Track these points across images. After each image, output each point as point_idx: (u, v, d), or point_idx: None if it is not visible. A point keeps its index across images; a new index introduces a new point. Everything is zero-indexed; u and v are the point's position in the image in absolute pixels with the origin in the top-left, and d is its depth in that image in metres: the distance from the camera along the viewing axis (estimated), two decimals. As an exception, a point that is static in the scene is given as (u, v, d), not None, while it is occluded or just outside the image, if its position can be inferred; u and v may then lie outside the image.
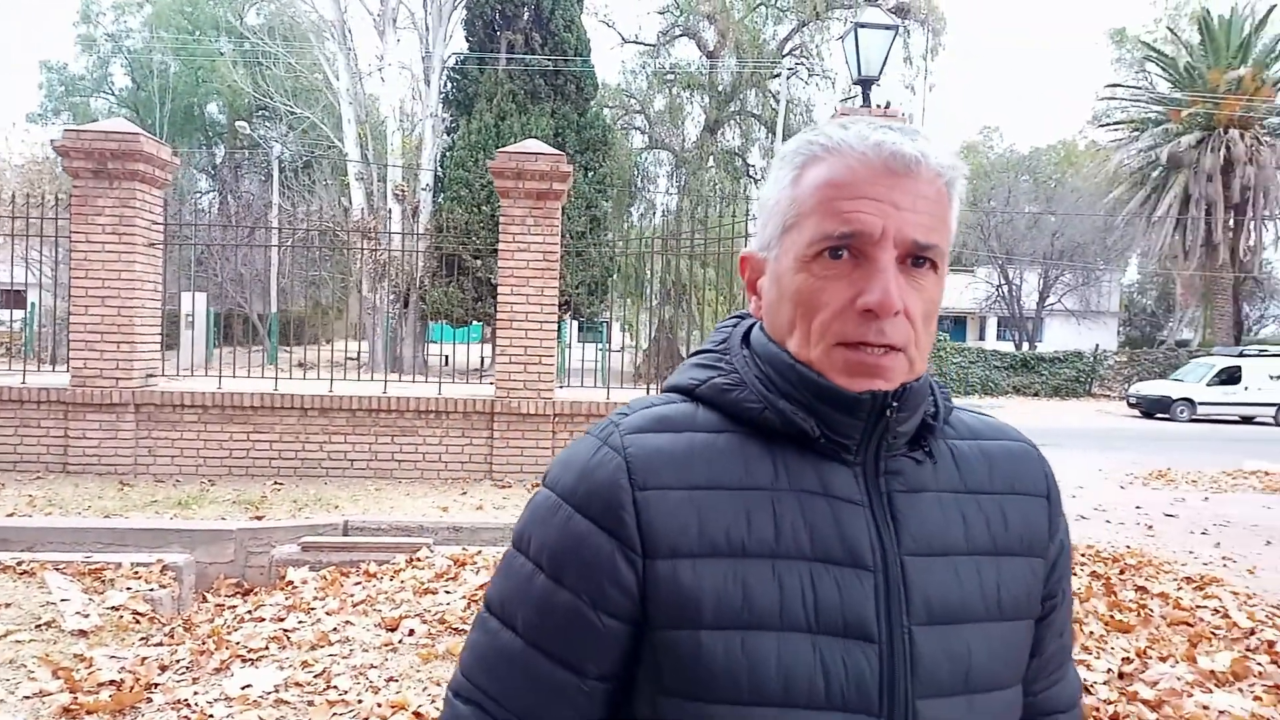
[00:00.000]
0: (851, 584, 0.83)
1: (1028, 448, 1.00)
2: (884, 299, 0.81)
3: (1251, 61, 30.76)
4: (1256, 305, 39.67)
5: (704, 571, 0.82)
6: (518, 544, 0.91)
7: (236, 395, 7.95)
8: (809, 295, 0.85)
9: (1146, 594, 5.14)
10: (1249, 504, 8.64)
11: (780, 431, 0.87)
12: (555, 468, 0.91)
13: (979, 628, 0.87)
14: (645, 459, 0.86)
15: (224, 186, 36.07)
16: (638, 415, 0.91)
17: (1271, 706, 3.60)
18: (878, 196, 0.83)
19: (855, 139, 0.84)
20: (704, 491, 0.85)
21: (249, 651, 4.05)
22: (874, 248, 0.82)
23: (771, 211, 0.90)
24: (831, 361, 0.85)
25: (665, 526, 0.83)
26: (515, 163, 7.97)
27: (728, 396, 0.90)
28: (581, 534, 0.85)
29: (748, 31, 32.40)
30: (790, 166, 0.88)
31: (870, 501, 0.87)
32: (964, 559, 0.88)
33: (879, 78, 8.16)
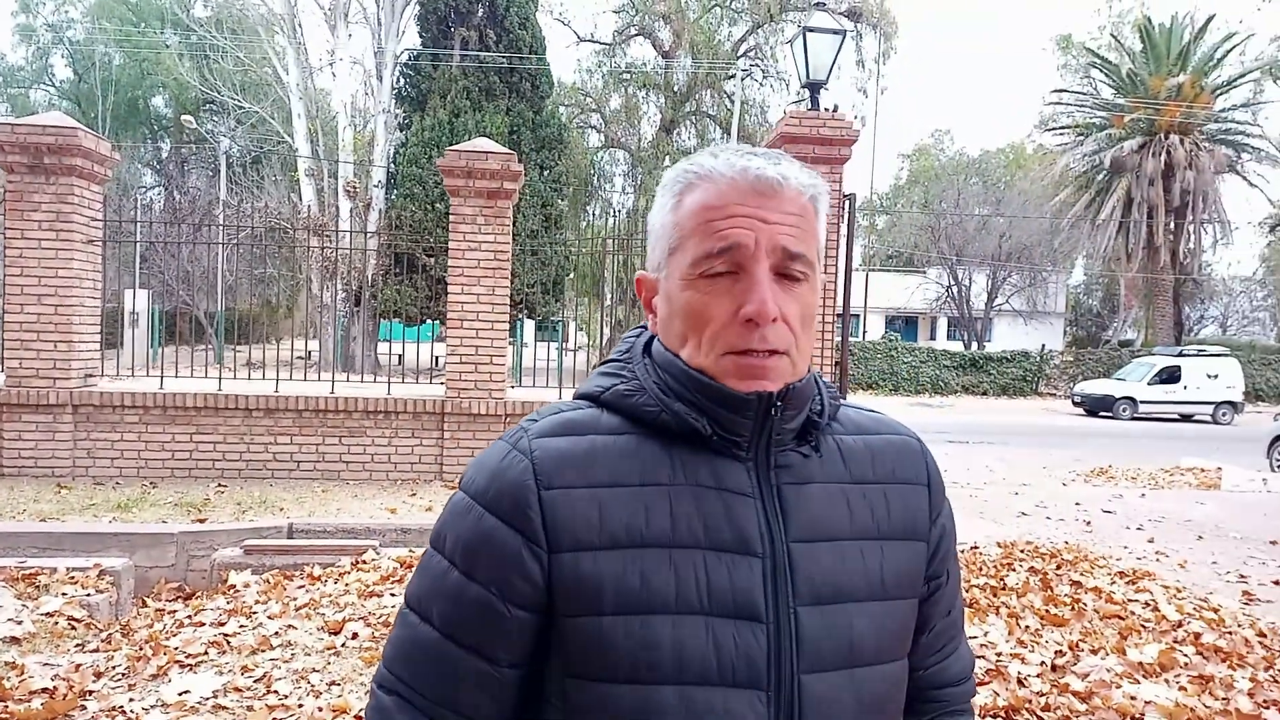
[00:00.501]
0: (742, 569, 0.91)
1: (910, 440, 1.08)
2: (761, 308, 0.90)
3: (1191, 69, 31.64)
4: (1196, 306, 40.84)
5: (604, 562, 0.90)
6: (435, 543, 0.97)
7: (179, 395, 7.80)
8: (696, 310, 0.93)
9: (1081, 588, 5.27)
10: (1184, 500, 8.89)
11: (677, 431, 0.95)
12: (469, 470, 0.98)
13: (861, 606, 0.95)
14: (550, 460, 0.93)
15: (170, 182, 35.32)
16: (545, 421, 0.98)
17: (1195, 696, 3.72)
18: (748, 214, 0.92)
19: (724, 166, 0.94)
20: (605, 489, 0.92)
21: (187, 657, 3.98)
22: (749, 261, 0.91)
23: (659, 236, 0.99)
24: (722, 368, 0.93)
25: (568, 522, 0.90)
26: (466, 161, 7.92)
27: (628, 401, 0.97)
28: (491, 531, 0.92)
29: (702, 32, 32.54)
30: (670, 194, 0.98)
31: (761, 493, 0.95)
32: (848, 543, 0.97)
33: (827, 81, 8.24)
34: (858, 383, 29.47)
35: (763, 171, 0.93)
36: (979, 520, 7.38)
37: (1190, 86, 30.51)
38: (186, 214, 15.87)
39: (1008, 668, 3.97)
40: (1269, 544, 6.81)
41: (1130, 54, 34.38)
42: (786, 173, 0.94)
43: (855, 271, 35.14)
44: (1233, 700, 3.71)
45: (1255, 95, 35.56)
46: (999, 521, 7.37)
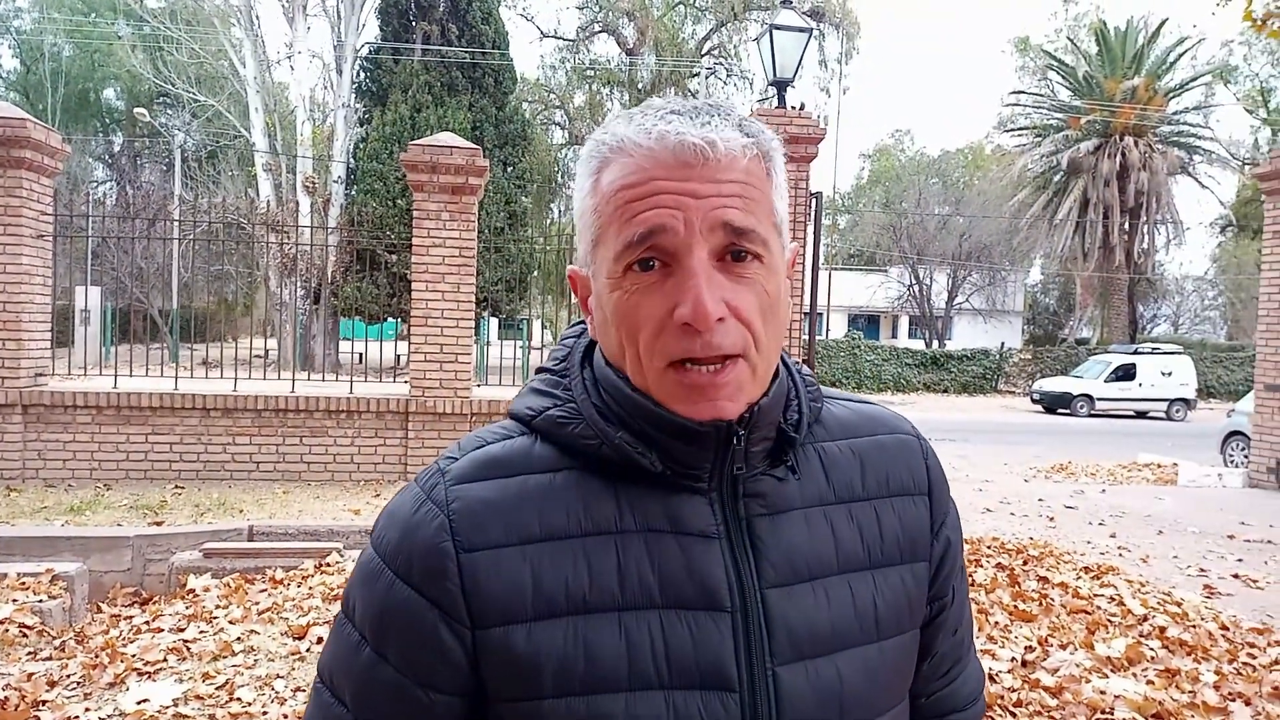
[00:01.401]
0: (707, 629, 0.77)
1: (904, 438, 0.92)
2: (697, 309, 0.72)
3: (1145, 72, 32.32)
4: (1150, 305, 41.69)
5: (541, 636, 0.75)
6: (345, 607, 0.83)
7: (134, 395, 7.60)
8: (627, 315, 0.77)
9: (1048, 584, 5.32)
10: (1143, 495, 9.04)
11: (622, 466, 0.79)
12: (381, 521, 0.82)
13: (852, 655, 0.81)
14: (471, 514, 0.77)
15: (123, 176, 34.57)
16: (466, 461, 0.81)
17: (1163, 690, 3.75)
18: (673, 189, 0.74)
19: (638, 133, 0.76)
20: (539, 544, 0.77)
21: (146, 664, 3.86)
22: (681, 249, 0.74)
23: (581, 226, 0.82)
24: (666, 388, 0.76)
25: (495, 591, 0.75)
26: (429, 156, 7.81)
27: (563, 431, 0.81)
28: (403, 603, 0.77)
29: (666, 30, 32.56)
30: (587, 173, 0.81)
31: (727, 531, 0.80)
32: (835, 579, 0.82)
33: (794, 79, 8.26)
34: (821, 381, 29.20)
35: (684, 137, 0.74)
36: (945, 517, 7.44)
37: (1144, 89, 31.16)
38: (140, 209, 15.51)
39: (979, 664, 3.98)
40: (1226, 538, 6.94)
41: (1086, 57, 35.07)
42: (715, 135, 0.75)
43: (819, 270, 35.43)
44: (1199, 693, 3.75)
45: (1207, 98, 36.47)
46: (964, 518, 7.38)
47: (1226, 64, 38.81)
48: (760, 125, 0.80)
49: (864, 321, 42.96)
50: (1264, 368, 9.43)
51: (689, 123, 0.75)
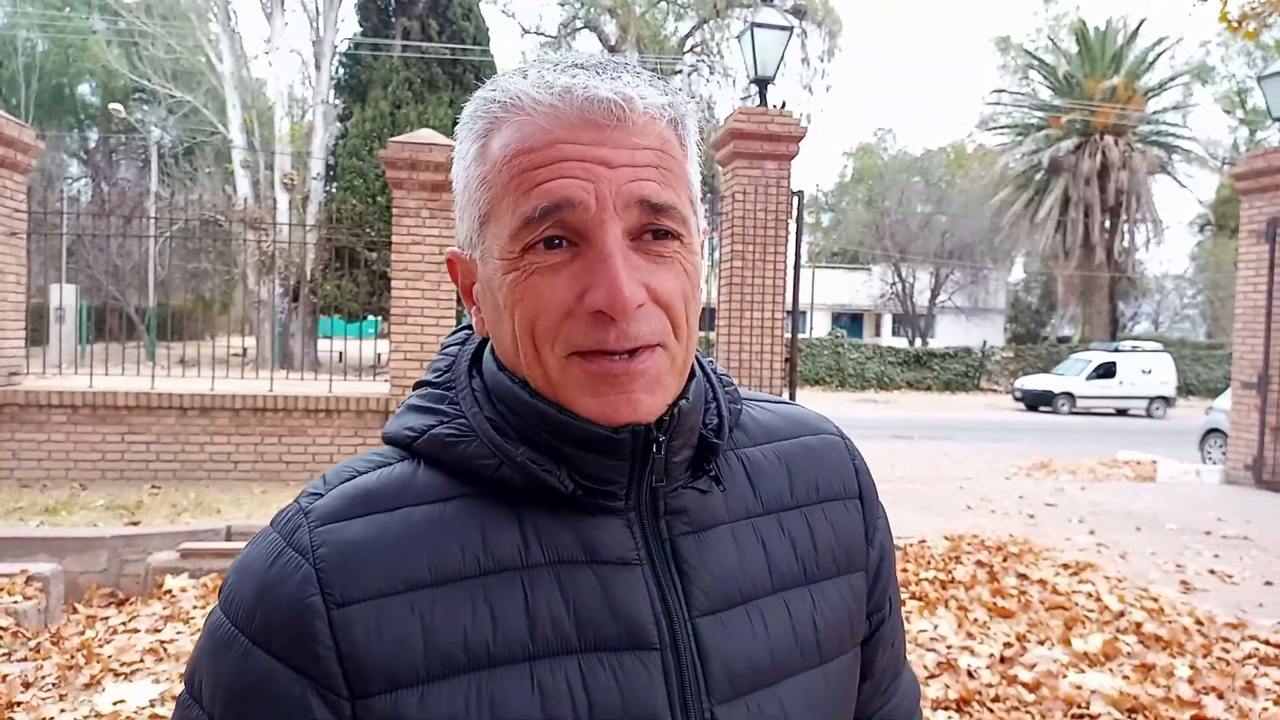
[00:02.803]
0: (634, 673, 0.67)
1: (830, 439, 0.84)
2: (614, 295, 0.63)
3: (1124, 72, 32.62)
4: (1130, 304, 42.05)
5: (437, 700, 0.63)
6: (189, 687, 0.68)
7: (109, 394, 7.52)
8: (524, 300, 0.66)
9: (1027, 580, 5.35)
10: (1122, 493, 9.11)
11: (524, 489, 0.68)
12: (233, 577, 0.68)
13: (795, 683, 0.73)
14: (342, 561, 0.64)
15: (98, 173, 34.21)
16: (333, 496, 0.68)
17: (1139, 685, 3.79)
18: (581, 156, 0.64)
19: (537, 88, 0.66)
20: (429, 590, 0.65)
21: (122, 665, 3.82)
22: (593, 226, 0.64)
23: (464, 200, 0.71)
24: (571, 381, 0.66)
25: (377, 651, 0.63)
26: (409, 153, 7.77)
27: (453, 452, 0.69)
28: (262, 676, 0.63)
29: (649, 27, 32.56)
30: (472, 137, 0.69)
31: (649, 555, 0.70)
32: (770, 600, 0.73)
33: (775, 77, 8.26)
34: (805, 379, 29.76)
35: (594, 92, 0.64)
36: (926, 514, 7.47)
37: (1124, 89, 31.46)
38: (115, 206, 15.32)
39: (957, 660, 4.00)
40: (1204, 534, 7.00)
41: (1067, 56, 35.35)
42: (630, 90, 0.65)
43: (802, 268, 35.52)
44: (1174, 687, 3.78)
45: (1185, 98, 36.83)
46: (945, 515, 7.47)
47: (1204, 64, 39.23)
48: (672, 89, 0.69)
49: (847, 320, 43.10)
50: (1240, 366, 9.52)
51: (597, 78, 0.65)
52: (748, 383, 8.19)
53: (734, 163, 8.17)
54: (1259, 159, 9.36)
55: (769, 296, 8.16)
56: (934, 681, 3.79)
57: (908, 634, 4.36)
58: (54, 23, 35.72)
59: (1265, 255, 9.15)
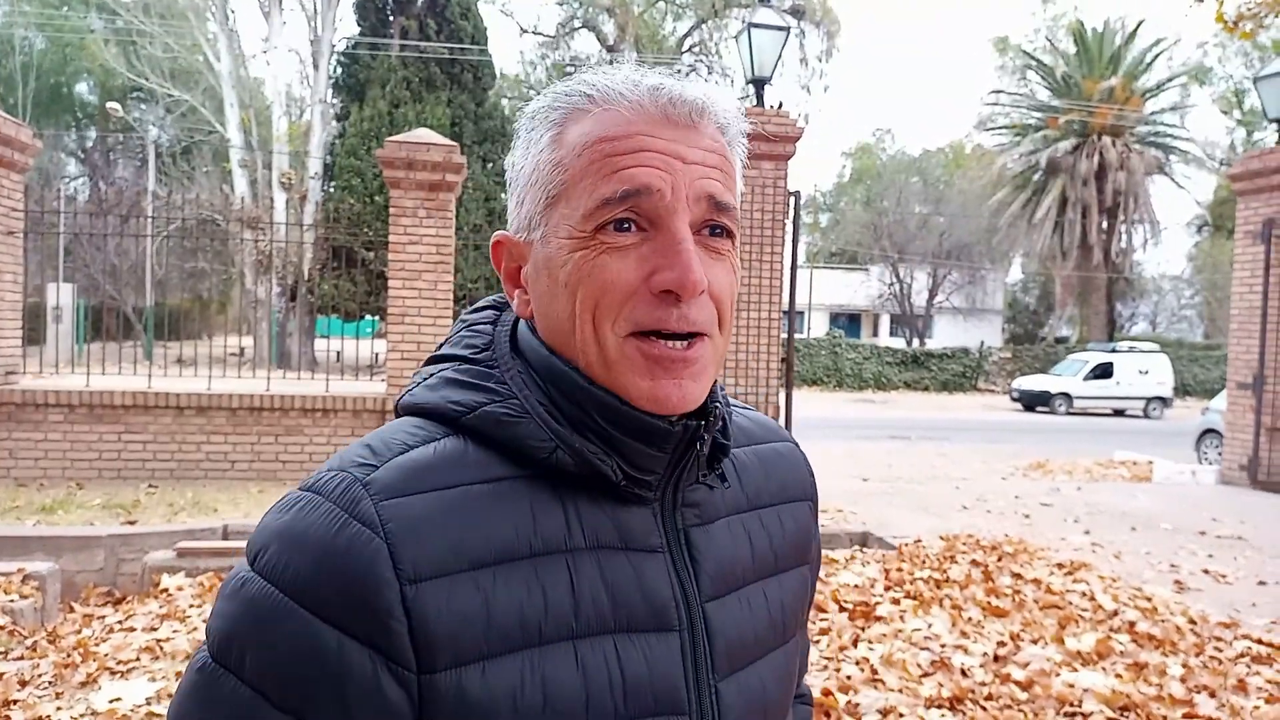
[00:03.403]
0: (659, 652, 0.72)
1: (793, 447, 0.93)
2: (687, 275, 0.68)
3: (1122, 72, 32.65)
4: (1128, 304, 42.12)
5: (496, 675, 0.65)
6: (222, 658, 0.66)
7: (106, 393, 7.52)
8: (591, 276, 0.69)
9: (1021, 580, 5.37)
10: (1118, 493, 9.13)
11: (574, 475, 0.71)
12: (275, 545, 0.66)
13: (769, 659, 0.80)
14: (412, 536, 0.65)
15: (95, 171, 34.18)
16: (392, 468, 0.68)
17: (1131, 683, 3.80)
18: (661, 149, 0.69)
19: (625, 85, 0.71)
20: (490, 569, 0.67)
21: (118, 663, 3.83)
22: (666, 213, 0.69)
23: (529, 183, 0.74)
24: (628, 361, 0.70)
25: (445, 627, 0.64)
26: (406, 152, 7.77)
27: (507, 432, 0.70)
28: (328, 648, 0.63)
29: (647, 27, 32.58)
30: (547, 125, 0.73)
31: (668, 544, 0.75)
32: (754, 586, 0.81)
33: (771, 77, 8.28)
34: (803, 379, 29.79)
35: (679, 93, 0.71)
36: (922, 514, 7.49)
37: (1121, 90, 31.48)
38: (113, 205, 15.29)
39: (951, 659, 4.02)
40: (1198, 534, 7.02)
41: (1065, 57, 35.37)
42: (709, 96, 0.72)
43: (800, 268, 35.58)
44: (1166, 686, 3.80)
45: (1183, 99, 36.87)
46: (941, 515, 7.48)
47: (1202, 65, 39.30)
48: (740, 110, 0.77)
49: (845, 320, 43.12)
50: (1235, 366, 9.54)
51: (680, 82, 0.72)
52: (745, 383, 8.20)
53: (731, 163, 8.18)
54: (1255, 160, 9.38)
55: (766, 296, 8.17)
56: (927, 680, 3.81)
57: (902, 633, 4.38)
58: (51, 21, 35.69)
59: (1261, 256, 9.17)
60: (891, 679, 3.78)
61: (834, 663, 3.97)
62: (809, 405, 22.70)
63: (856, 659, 4.00)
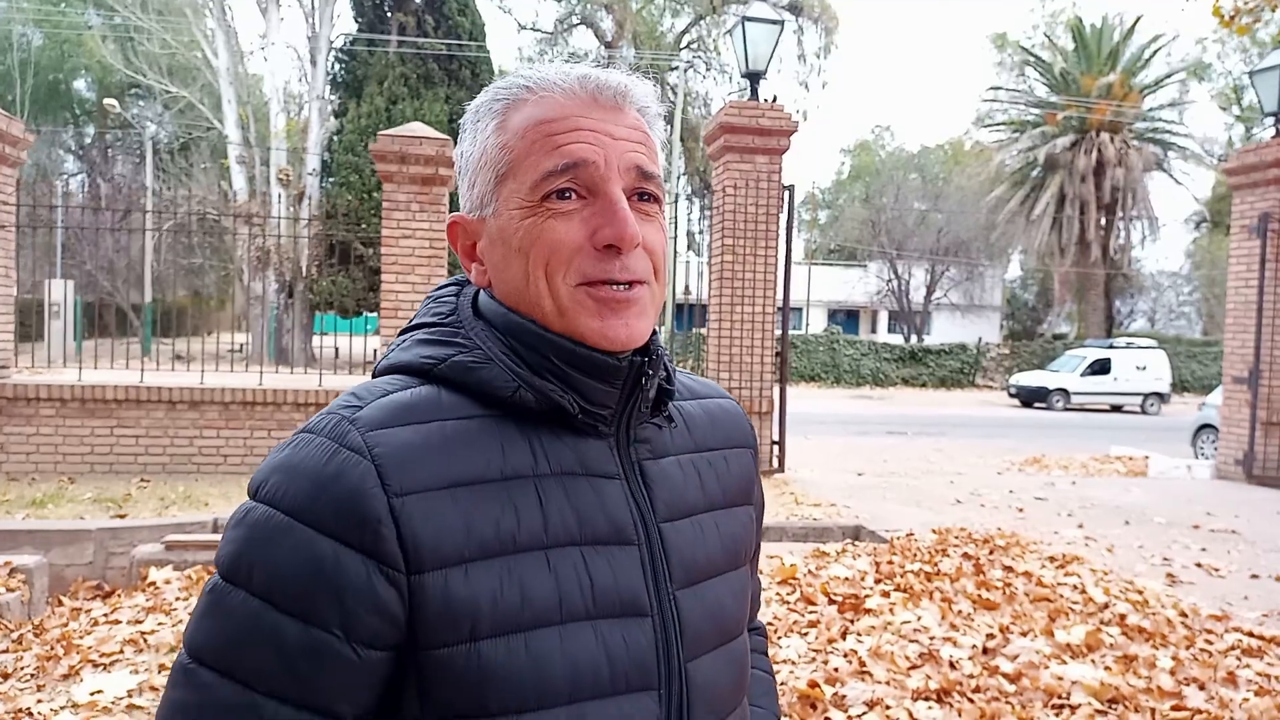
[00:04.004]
0: (621, 561, 0.82)
1: (735, 404, 1.05)
2: (625, 230, 0.80)
3: (1120, 69, 32.58)
4: (1126, 301, 42.08)
5: (477, 576, 0.75)
6: (231, 576, 0.75)
7: (98, 388, 7.50)
8: (540, 239, 0.81)
9: (1012, 573, 5.35)
10: (1113, 487, 9.12)
11: (534, 411, 0.81)
12: (275, 477, 0.76)
13: (724, 579, 0.92)
14: (397, 458, 0.75)
15: (93, 168, 34.14)
16: (375, 407, 0.79)
17: (1120, 676, 3.78)
18: (592, 127, 0.82)
19: (558, 75, 0.84)
20: (466, 487, 0.77)
21: (102, 656, 3.80)
22: (601, 181, 0.81)
23: (478, 166, 0.86)
24: (580, 305, 0.81)
25: (430, 534, 0.74)
26: (399, 146, 7.75)
27: (474, 376, 0.81)
28: (325, 556, 0.72)
29: (645, 23, 32.51)
30: (491, 115, 0.85)
31: (624, 473, 0.86)
32: (704, 516, 0.91)
33: (766, 72, 8.25)
34: (801, 375, 29.77)
35: (604, 79, 0.83)
36: (915, 508, 7.47)
37: (1120, 86, 31.41)
38: (111, 201, 15.25)
39: (940, 651, 4.00)
40: (1192, 528, 7.01)
41: (1063, 53, 35.28)
42: (629, 83, 0.85)
43: (798, 265, 35.62)
44: (1155, 678, 3.78)
45: (1181, 95, 36.79)
46: (934, 509, 7.47)
47: (1200, 61, 39.21)
48: (656, 95, 0.89)
49: (843, 316, 43.08)
50: (1231, 361, 9.53)
51: (604, 71, 0.84)
52: (739, 378, 8.18)
53: (725, 157, 8.16)
54: (1250, 154, 9.36)
55: (760, 291, 8.15)
56: (915, 672, 3.79)
57: (891, 625, 4.37)
58: (49, 18, 35.64)
59: (1256, 250, 9.15)
60: (879, 671, 3.77)
61: (821, 655, 3.96)
62: (807, 401, 22.68)
63: (845, 651, 3.98)
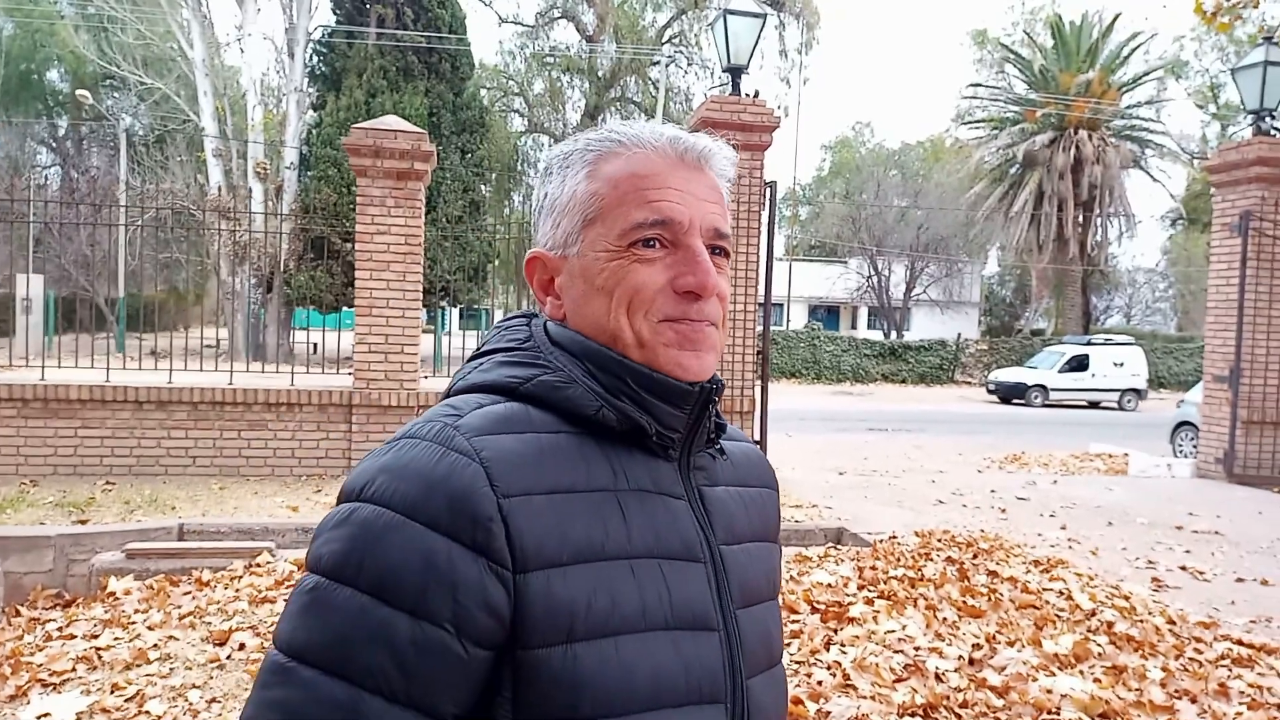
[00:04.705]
0: (693, 576, 0.87)
1: (757, 448, 1.11)
2: (707, 279, 0.87)
3: (1099, 66, 32.69)
4: (1103, 297, 42.38)
5: (574, 579, 0.79)
6: (336, 573, 0.76)
7: (62, 388, 7.28)
8: (625, 280, 0.87)
9: (997, 578, 5.26)
10: (1094, 486, 9.08)
11: (613, 430, 0.86)
12: (381, 477, 0.79)
13: (768, 606, 0.97)
14: (503, 462, 0.79)
15: (67, 160, 33.57)
16: (476, 415, 0.83)
17: (1109, 689, 3.69)
18: (680, 187, 0.88)
19: (650, 134, 0.90)
20: (562, 495, 0.81)
21: (52, 674, 3.63)
22: (685, 235, 0.88)
23: (565, 209, 0.91)
24: (661, 338, 0.87)
25: (534, 535, 0.78)
26: (373, 140, 7.57)
27: (561, 394, 0.86)
28: (438, 552, 0.75)
29: (626, 17, 32.34)
30: (582, 163, 0.91)
31: (689, 496, 0.91)
32: (751, 545, 0.97)
33: (748, 66, 8.12)
34: (781, 371, 29.71)
35: (693, 142, 0.90)
36: (897, 509, 7.39)
37: (1098, 83, 31.51)
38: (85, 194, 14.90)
39: (925, 662, 3.90)
40: (1175, 529, 6.96)
41: (1042, 50, 35.35)
42: (714, 148, 0.92)
43: (779, 261, 35.65)
44: (1146, 691, 3.70)
45: (1159, 93, 37.01)
46: (916, 510, 7.39)
47: (1178, 59, 39.48)
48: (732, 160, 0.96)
49: (824, 312, 43.13)
50: (1212, 359, 9.51)
51: (690, 135, 0.92)
52: (720, 374, 8.06)
53: (706, 153, 8.03)
54: (1232, 152, 9.33)
55: (740, 288, 8.04)
56: (901, 685, 3.68)
57: (875, 635, 4.26)
58: (20, 6, 34.98)
59: (1237, 248, 9.13)
60: (864, 684, 3.66)
61: (805, 667, 3.84)
62: (788, 397, 22.62)
63: (828, 663, 3.87)
